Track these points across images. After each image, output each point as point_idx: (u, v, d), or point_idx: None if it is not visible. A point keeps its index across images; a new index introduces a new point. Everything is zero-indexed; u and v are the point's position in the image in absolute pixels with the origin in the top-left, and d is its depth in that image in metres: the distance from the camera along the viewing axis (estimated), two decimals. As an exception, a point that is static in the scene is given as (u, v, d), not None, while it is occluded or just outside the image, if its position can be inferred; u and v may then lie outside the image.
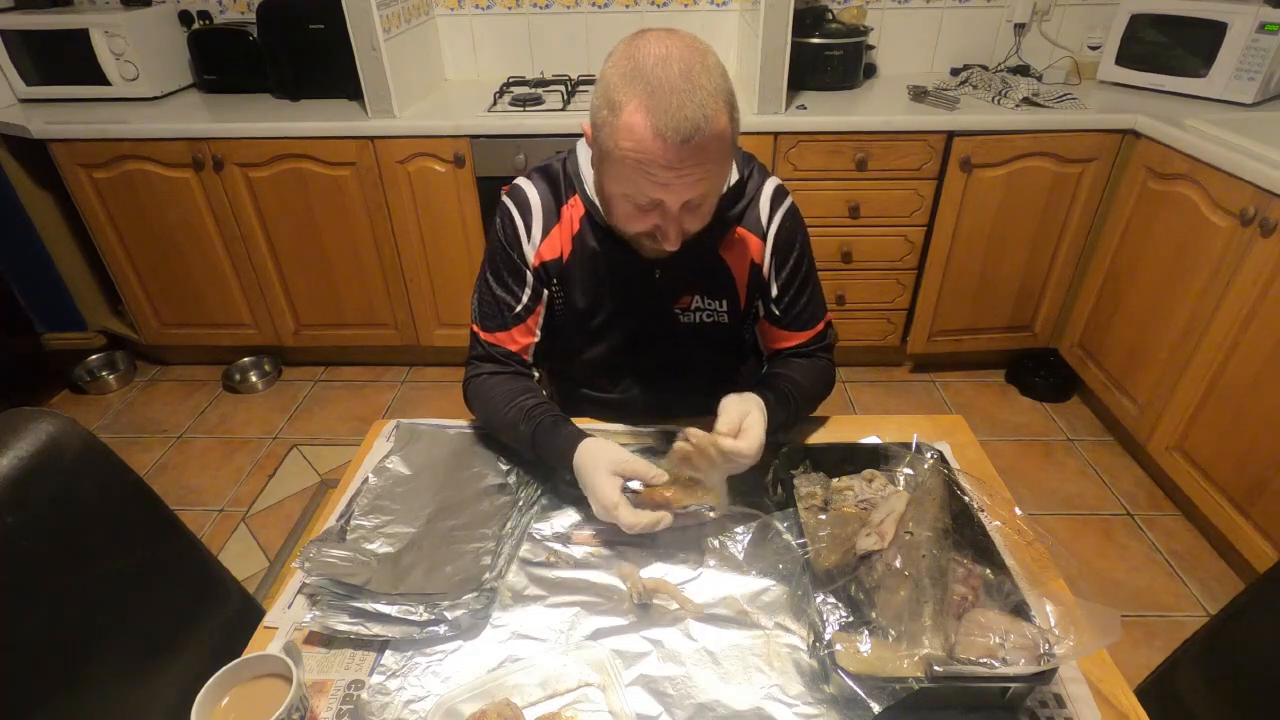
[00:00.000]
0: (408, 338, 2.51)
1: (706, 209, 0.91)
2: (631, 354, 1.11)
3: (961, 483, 0.86)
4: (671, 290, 1.05)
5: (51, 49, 2.28)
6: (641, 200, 0.87)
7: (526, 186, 1.04)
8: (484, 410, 1.04)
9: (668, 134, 0.79)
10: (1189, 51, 2.12)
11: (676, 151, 0.80)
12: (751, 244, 1.05)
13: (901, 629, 0.70)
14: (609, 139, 0.83)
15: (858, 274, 2.32)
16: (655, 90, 0.79)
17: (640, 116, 0.79)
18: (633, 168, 0.83)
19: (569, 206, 1.03)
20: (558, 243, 1.04)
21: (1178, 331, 1.86)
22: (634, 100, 0.80)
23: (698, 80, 0.79)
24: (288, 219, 2.30)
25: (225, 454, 2.27)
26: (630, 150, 0.81)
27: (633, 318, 1.07)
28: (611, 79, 0.83)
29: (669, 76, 0.79)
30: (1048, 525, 1.55)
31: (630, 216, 0.91)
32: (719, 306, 1.07)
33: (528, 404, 0.99)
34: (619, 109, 0.81)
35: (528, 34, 2.52)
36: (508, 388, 1.03)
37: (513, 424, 0.99)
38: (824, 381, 1.10)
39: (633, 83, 0.80)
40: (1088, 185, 2.13)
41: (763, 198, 1.05)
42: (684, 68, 0.79)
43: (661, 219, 0.89)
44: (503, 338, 1.06)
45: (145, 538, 0.83)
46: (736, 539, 0.89)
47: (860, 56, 2.33)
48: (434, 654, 0.77)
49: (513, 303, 1.05)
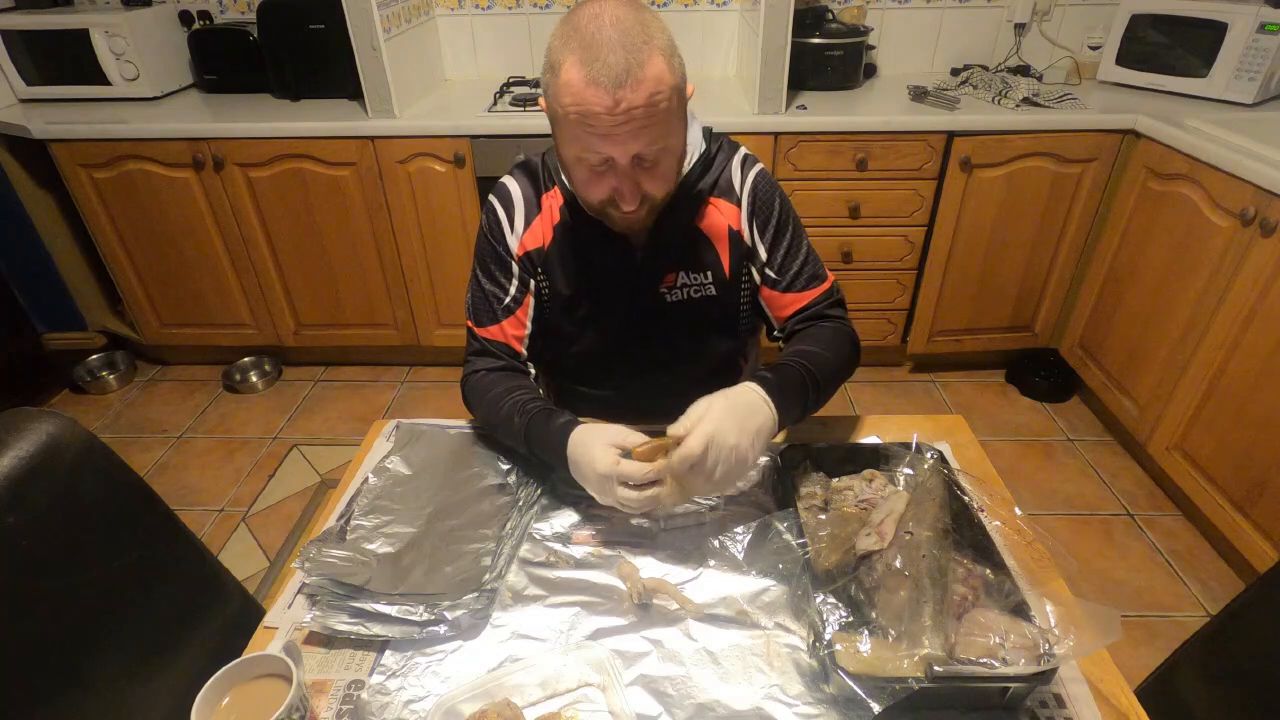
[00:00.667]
0: (408, 338, 2.51)
1: (664, 169, 0.91)
2: (622, 342, 1.10)
3: (961, 483, 0.86)
4: (654, 270, 1.05)
5: (52, 49, 2.28)
6: (593, 159, 0.87)
7: (508, 181, 1.07)
8: (480, 408, 1.05)
9: (601, 80, 0.80)
10: (1189, 51, 2.12)
11: (611, 96, 0.80)
12: (726, 210, 1.05)
13: (901, 629, 0.70)
14: (553, 100, 0.85)
15: (858, 274, 2.32)
16: (588, 44, 0.81)
17: (575, 70, 0.81)
18: (576, 124, 0.83)
19: (549, 196, 1.05)
20: (539, 232, 1.05)
21: (1178, 331, 1.86)
22: (570, 57, 0.82)
23: (629, 30, 0.81)
24: (288, 219, 2.30)
25: (225, 454, 2.27)
26: (571, 105, 0.82)
27: (619, 303, 1.07)
28: (552, 45, 0.85)
29: (600, 29, 0.81)
30: (1048, 525, 1.55)
31: (587, 182, 0.91)
32: (704, 279, 1.06)
33: (522, 399, 0.99)
34: (558, 69, 0.83)
35: (528, 34, 2.52)
36: (504, 385, 1.03)
37: (507, 418, 0.98)
38: (842, 341, 1.04)
39: (568, 42, 0.82)
40: (1088, 185, 2.13)
41: (733, 166, 1.06)
42: (615, 19, 0.81)
43: (616, 179, 0.89)
44: (495, 331, 1.07)
45: (145, 538, 0.83)
46: (736, 539, 0.89)
47: (860, 56, 2.33)
48: (434, 654, 0.77)
49: (501, 295, 1.06)
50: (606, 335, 1.10)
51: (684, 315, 1.08)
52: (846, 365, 1.04)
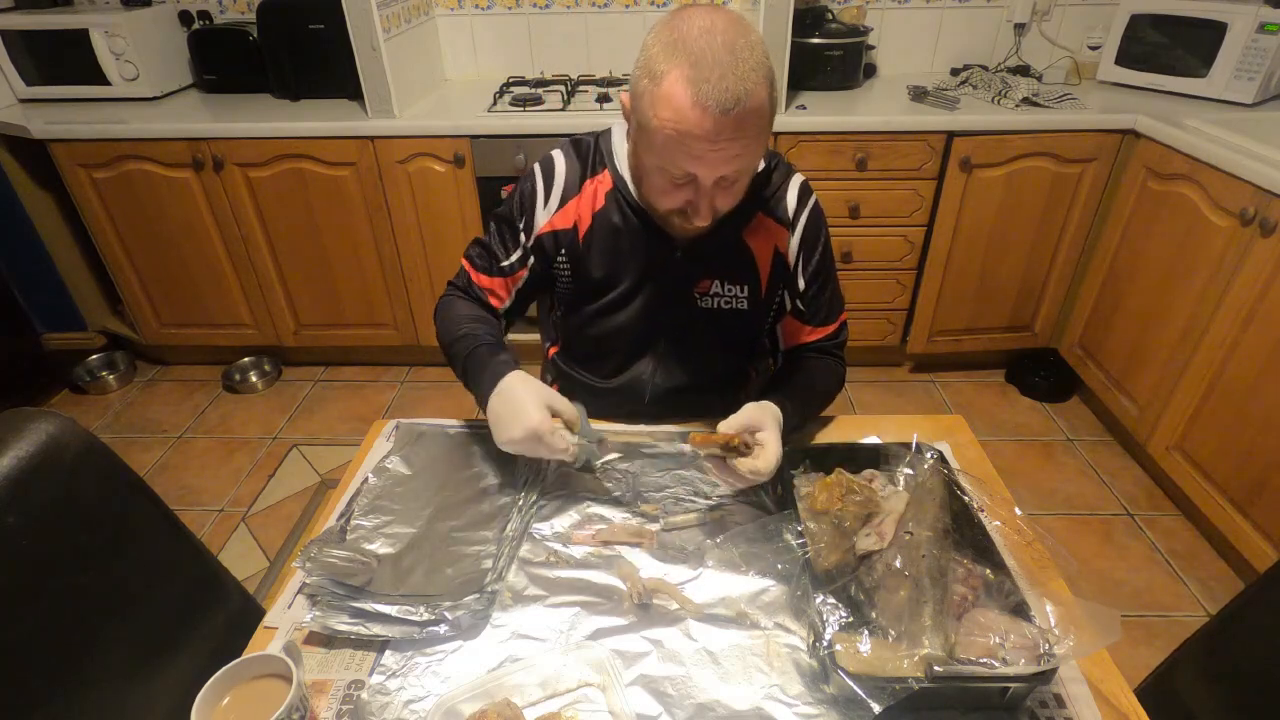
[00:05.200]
0: (408, 338, 2.51)
1: (740, 187, 0.91)
2: (643, 333, 1.09)
3: (961, 483, 0.86)
4: (691, 272, 1.05)
5: (51, 49, 2.28)
6: (676, 173, 0.86)
7: (556, 156, 1.06)
8: (442, 323, 1.07)
9: (709, 105, 0.78)
10: (1189, 51, 2.12)
11: (715, 123, 0.79)
12: (776, 232, 1.05)
13: (901, 629, 0.70)
14: (648, 108, 0.83)
15: (858, 274, 2.32)
16: (698, 61, 0.78)
17: (681, 87, 0.79)
18: (670, 139, 0.82)
19: (594, 181, 1.04)
20: (573, 214, 1.04)
21: (1178, 331, 1.86)
22: (676, 70, 0.79)
23: (741, 54, 0.79)
24: (288, 219, 2.30)
25: (225, 454, 2.27)
26: (669, 120, 0.81)
27: (649, 296, 1.06)
28: (653, 49, 0.82)
29: (712, 48, 0.78)
30: (1048, 525, 1.55)
31: (663, 191, 0.90)
32: (739, 292, 1.06)
33: (480, 329, 1.01)
34: (660, 79, 0.81)
35: (528, 34, 2.52)
36: (470, 312, 1.06)
37: (455, 339, 1.01)
38: (835, 383, 1.11)
39: (675, 53, 0.80)
40: (1088, 185, 2.13)
41: (790, 189, 1.05)
42: (727, 40, 0.79)
43: (694, 194, 0.88)
44: (483, 280, 1.09)
45: (145, 538, 0.83)
46: (736, 539, 0.89)
47: (860, 56, 2.33)
48: (434, 654, 0.77)
49: (501, 256, 1.08)
50: (628, 326, 1.09)
51: (711, 324, 1.08)
52: (825, 405, 1.10)
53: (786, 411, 0.94)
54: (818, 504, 0.85)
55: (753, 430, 0.88)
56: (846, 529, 0.81)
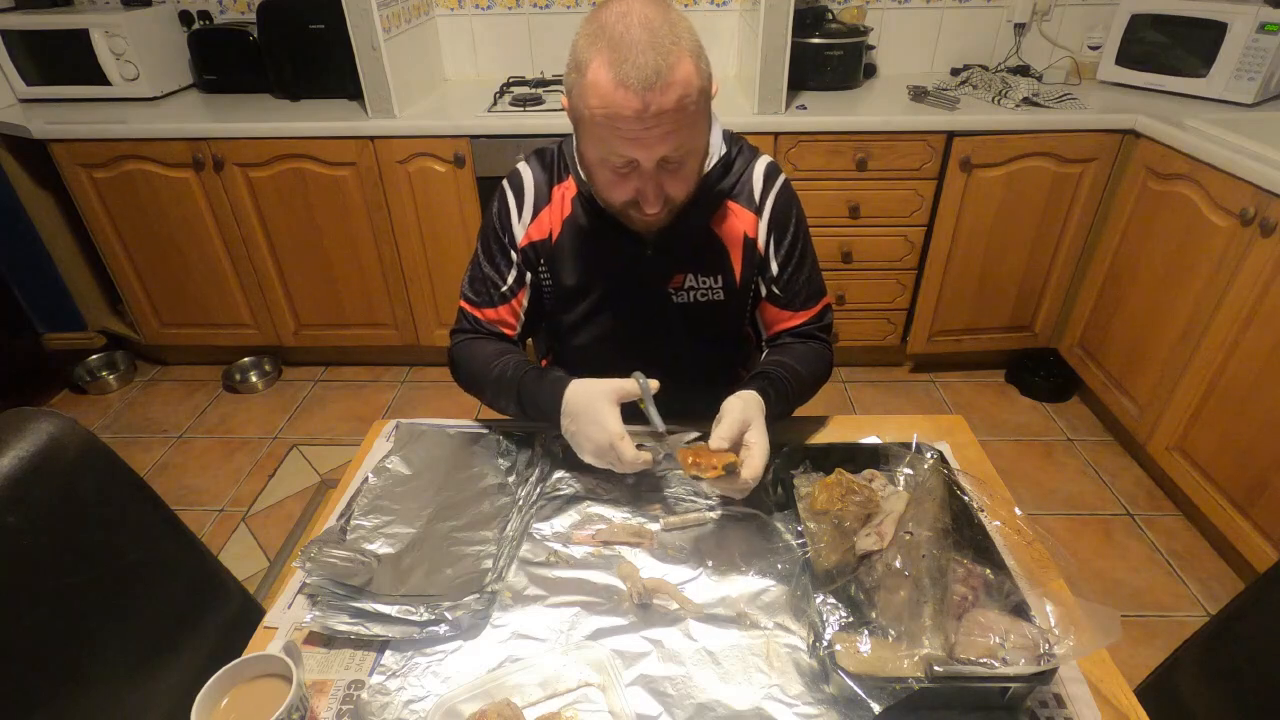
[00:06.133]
0: (408, 338, 2.51)
1: (689, 171, 0.90)
2: (622, 340, 1.09)
3: (961, 483, 0.86)
4: (663, 269, 1.05)
5: (51, 49, 2.28)
6: (616, 161, 0.86)
7: (522, 168, 1.06)
8: (469, 370, 1.05)
9: (630, 82, 0.79)
10: (1189, 51, 2.12)
11: (641, 100, 0.79)
12: (744, 218, 1.04)
13: (901, 629, 0.70)
14: (579, 100, 0.84)
15: (858, 274, 2.32)
16: (617, 44, 0.80)
17: (604, 71, 0.80)
18: (602, 125, 0.83)
19: (561, 187, 1.04)
20: (547, 224, 1.05)
21: (1178, 331, 1.86)
22: (598, 57, 0.81)
23: (659, 31, 0.80)
24: (288, 219, 2.30)
25: (225, 454, 2.27)
26: (597, 107, 0.82)
27: (624, 299, 1.07)
28: (577, 44, 0.84)
29: (628, 29, 0.80)
30: (1048, 525, 1.55)
31: (610, 184, 0.90)
32: (714, 284, 1.06)
33: (514, 360, 1.01)
34: (585, 68, 0.82)
35: (528, 34, 2.52)
36: (494, 347, 1.05)
37: (498, 378, 1.00)
38: (822, 368, 1.09)
39: (596, 41, 0.81)
40: (1088, 185, 2.13)
41: (755, 173, 1.05)
42: (644, 19, 0.80)
43: (640, 182, 0.88)
44: (489, 313, 1.08)
45: (145, 538, 0.83)
46: (736, 539, 0.89)
47: (860, 56, 2.33)
48: (434, 654, 0.77)
49: (499, 281, 1.07)
50: (608, 331, 1.09)
51: (689, 318, 1.08)
52: (814, 390, 1.08)
53: (769, 399, 0.93)
54: (818, 504, 0.85)
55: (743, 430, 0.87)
56: (846, 529, 0.81)
